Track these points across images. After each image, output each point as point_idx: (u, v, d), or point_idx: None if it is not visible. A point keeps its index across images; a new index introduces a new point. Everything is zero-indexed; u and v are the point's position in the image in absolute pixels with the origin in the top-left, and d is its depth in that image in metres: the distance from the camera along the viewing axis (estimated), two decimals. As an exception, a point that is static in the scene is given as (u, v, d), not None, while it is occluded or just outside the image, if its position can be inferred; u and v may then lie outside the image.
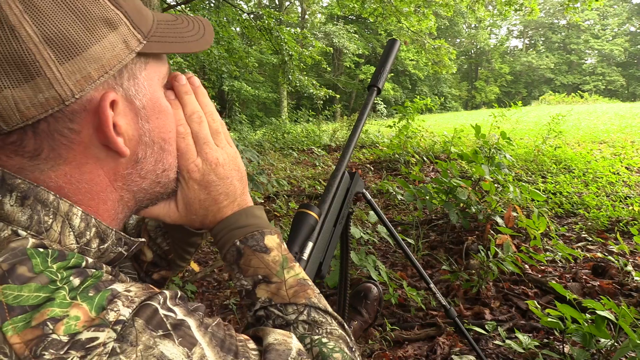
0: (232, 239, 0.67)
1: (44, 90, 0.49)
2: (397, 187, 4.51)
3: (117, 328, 0.44)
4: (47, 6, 0.48)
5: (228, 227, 0.68)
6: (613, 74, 43.51)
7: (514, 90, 45.61)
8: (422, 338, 2.33)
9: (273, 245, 0.67)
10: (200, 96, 0.68)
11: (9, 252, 0.47)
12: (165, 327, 0.47)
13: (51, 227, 0.52)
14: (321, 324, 0.63)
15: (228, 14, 10.52)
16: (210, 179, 0.66)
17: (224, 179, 0.67)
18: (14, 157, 0.52)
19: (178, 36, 0.61)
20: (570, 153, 6.97)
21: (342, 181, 1.13)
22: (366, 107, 1.25)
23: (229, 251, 0.67)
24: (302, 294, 0.65)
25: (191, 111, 0.66)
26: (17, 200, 0.51)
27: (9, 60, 0.47)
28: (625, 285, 2.71)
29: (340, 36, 26.50)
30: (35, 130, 0.51)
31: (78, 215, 0.54)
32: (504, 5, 9.00)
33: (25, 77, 0.48)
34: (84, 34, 0.50)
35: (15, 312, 0.43)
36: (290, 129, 12.93)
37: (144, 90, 0.57)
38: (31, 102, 0.48)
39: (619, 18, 46.81)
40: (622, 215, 4.10)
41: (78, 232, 0.54)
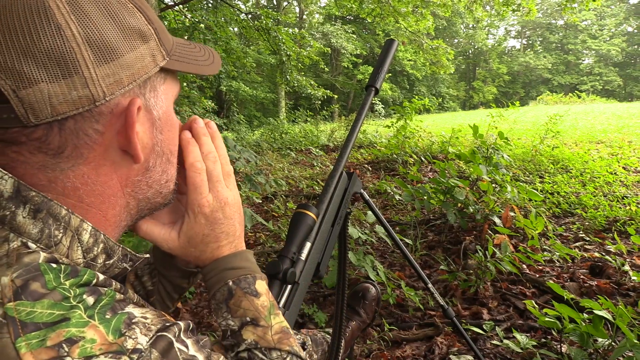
0: (225, 278, 0.69)
1: (78, 89, 0.51)
2: (395, 187, 4.51)
3: (134, 357, 0.45)
4: (92, 11, 0.52)
5: (222, 266, 0.70)
6: (610, 74, 43.61)
7: (511, 91, 45.68)
8: (420, 338, 2.34)
9: (263, 291, 0.69)
10: (216, 140, 0.73)
11: (22, 267, 0.48)
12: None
13: (60, 241, 0.53)
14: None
15: (226, 14, 10.51)
16: (217, 216, 0.69)
17: (228, 219, 0.71)
18: (37, 154, 0.53)
19: (193, 59, 0.65)
20: (568, 153, 6.99)
21: (340, 181, 1.13)
22: (364, 107, 1.25)
23: (219, 290, 0.69)
24: (286, 342, 0.67)
25: (207, 151, 0.70)
26: (30, 212, 0.52)
27: (50, 55, 0.49)
28: (622, 284, 2.72)
29: (338, 36, 26.50)
30: (61, 127, 0.52)
31: (88, 230, 0.56)
32: (502, 6, 9.01)
33: (64, 73, 0.50)
34: (121, 41, 0.54)
35: (28, 329, 0.44)
36: (288, 129, 12.92)
37: (161, 103, 0.61)
38: (64, 98, 0.50)
39: (616, 18, 46.92)
40: (619, 215, 4.11)
41: (86, 247, 0.56)
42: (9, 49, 0.48)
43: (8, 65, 0.48)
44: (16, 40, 0.48)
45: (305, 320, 2.53)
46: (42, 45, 0.49)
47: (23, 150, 0.52)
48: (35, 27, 0.49)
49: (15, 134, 0.51)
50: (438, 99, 26.10)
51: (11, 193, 0.52)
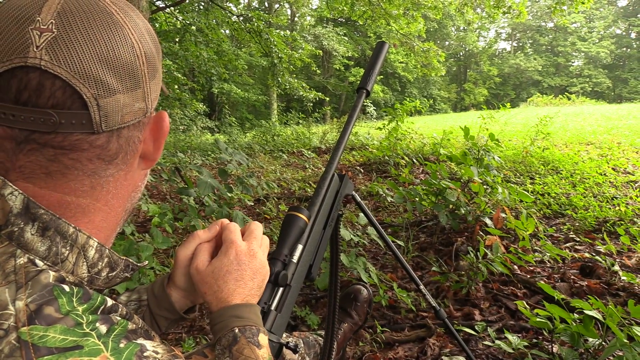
0: (232, 324, 0.72)
1: (139, 100, 0.56)
2: (386, 189, 4.52)
3: None
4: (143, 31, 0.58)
5: (231, 313, 0.73)
6: (599, 76, 44.01)
7: (502, 92, 45.96)
8: (412, 339, 2.34)
9: (264, 344, 0.72)
10: None
11: (37, 292, 0.48)
12: None
13: (67, 258, 0.54)
14: None
15: (217, 17, 10.50)
16: (243, 259, 0.76)
17: (252, 270, 0.77)
18: (95, 161, 0.55)
19: None
20: (558, 154, 7.03)
21: (332, 183, 1.13)
22: (355, 109, 1.25)
23: (225, 336, 0.71)
24: None
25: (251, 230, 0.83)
26: (39, 230, 0.53)
27: (126, 69, 0.53)
28: (612, 284, 2.74)
29: (329, 39, 26.53)
30: (119, 135, 0.56)
31: (94, 247, 0.57)
32: (493, 8, 9.08)
33: (133, 86, 0.55)
34: (158, 60, 0.60)
35: (41, 353, 0.44)
36: (280, 132, 12.91)
37: None
38: (131, 108, 0.55)
39: (605, 21, 47.37)
40: (609, 216, 4.14)
41: (91, 263, 0.57)
42: (92, 57, 0.50)
43: (92, 73, 0.50)
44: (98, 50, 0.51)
45: (298, 322, 2.53)
46: (121, 58, 0.53)
47: (82, 158, 0.54)
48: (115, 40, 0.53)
49: (77, 141, 0.52)
50: (429, 101, 26.25)
51: (20, 209, 0.52)
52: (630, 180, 5.63)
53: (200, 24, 10.05)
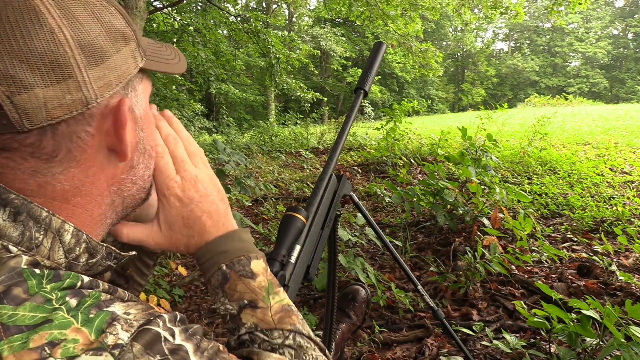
0: (217, 263, 0.67)
1: (72, 92, 0.51)
2: (384, 189, 4.52)
3: (115, 352, 0.45)
4: (81, 15, 0.53)
5: (213, 250, 0.68)
6: (597, 77, 44.13)
7: (499, 93, 46.03)
8: (410, 339, 2.34)
9: (259, 270, 0.68)
10: (174, 124, 0.73)
11: (5, 273, 0.47)
12: (163, 352, 0.48)
13: (41, 243, 0.53)
14: (307, 349, 0.65)
15: (215, 17, 10.49)
16: (190, 195, 0.68)
17: (204, 196, 0.69)
18: (29, 160, 0.52)
19: (163, 59, 0.66)
20: (556, 154, 7.05)
21: (330, 184, 1.13)
22: (353, 110, 1.25)
23: (214, 275, 0.67)
24: (288, 320, 0.66)
25: (166, 134, 0.70)
26: (10, 215, 0.52)
27: (44, 60, 0.49)
28: (609, 284, 2.75)
29: (327, 39, 26.54)
30: (55, 131, 0.52)
31: (69, 231, 0.55)
32: (490, 9, 9.09)
33: (58, 77, 0.50)
34: (108, 44, 0.54)
35: (11, 332, 0.43)
36: (278, 132, 12.92)
37: (141, 102, 0.62)
38: (59, 102, 0.51)
39: (602, 21, 47.50)
40: (606, 216, 4.15)
41: (68, 248, 0.55)
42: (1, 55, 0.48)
43: (1, 71, 0.48)
44: (8, 45, 0.48)
45: (296, 323, 2.52)
46: (36, 49, 0.49)
47: (15, 157, 0.52)
48: (27, 31, 0.49)
49: (7, 140, 0.51)
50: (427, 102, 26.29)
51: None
52: (628, 181, 5.64)
53: (198, 25, 10.05)
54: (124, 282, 0.86)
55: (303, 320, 0.68)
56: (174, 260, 3.42)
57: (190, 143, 0.72)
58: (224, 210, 0.71)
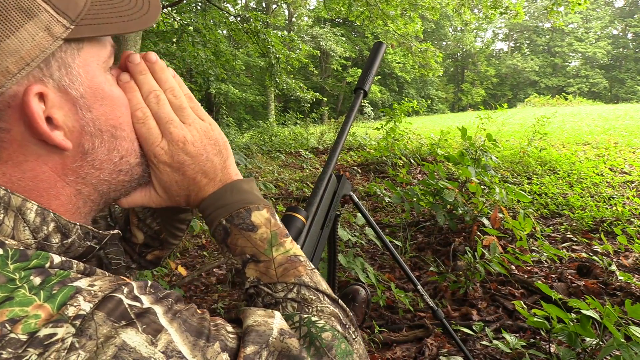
0: (217, 217, 0.64)
1: None
2: (384, 189, 4.52)
3: (77, 323, 0.42)
4: None
5: (213, 205, 0.64)
6: (596, 77, 44.14)
7: (499, 93, 46.05)
8: (410, 339, 2.34)
9: (261, 222, 0.63)
10: (157, 73, 0.63)
11: None
12: (128, 317, 0.45)
13: (3, 222, 0.50)
14: (311, 302, 0.60)
15: (215, 17, 10.49)
16: (181, 159, 0.62)
17: (197, 157, 0.63)
18: None
19: (115, 15, 0.55)
20: (555, 154, 7.05)
21: (329, 184, 1.13)
22: (353, 110, 1.25)
23: (216, 230, 0.64)
24: (293, 272, 0.62)
25: (147, 92, 0.61)
26: None
27: None
28: (609, 284, 2.75)
29: (327, 39, 26.55)
30: None
31: (33, 210, 0.52)
32: (490, 9, 9.09)
33: None
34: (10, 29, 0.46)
35: None
36: (277, 132, 12.91)
37: (80, 79, 0.53)
38: None
39: (601, 21, 47.52)
40: (606, 216, 4.15)
41: (34, 227, 0.52)
42: None
43: None
44: None
45: (296, 323, 2.53)
46: None
47: None
48: None
49: None
50: (427, 101, 26.24)
51: None
52: (627, 181, 5.64)
53: (198, 25, 10.05)
54: (159, 245, 0.86)
55: (312, 271, 0.64)
56: (174, 260, 3.42)
57: (176, 95, 0.63)
58: (220, 164, 0.66)
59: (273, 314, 0.54)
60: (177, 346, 0.45)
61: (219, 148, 0.66)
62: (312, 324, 0.56)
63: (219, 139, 0.66)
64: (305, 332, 0.55)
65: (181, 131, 0.62)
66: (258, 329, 0.51)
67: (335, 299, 0.63)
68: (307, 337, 0.54)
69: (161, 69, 0.63)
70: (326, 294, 0.62)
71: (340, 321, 0.59)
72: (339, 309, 0.62)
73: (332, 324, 0.57)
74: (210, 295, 3.06)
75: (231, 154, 0.69)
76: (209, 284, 3.24)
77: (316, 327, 0.55)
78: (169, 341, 0.45)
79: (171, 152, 0.61)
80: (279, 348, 0.50)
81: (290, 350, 0.50)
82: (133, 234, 0.84)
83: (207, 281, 3.28)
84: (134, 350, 0.42)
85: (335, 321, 0.58)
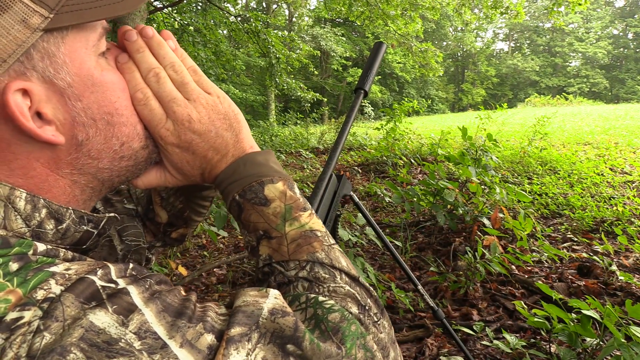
0: (231, 193, 0.61)
1: None
2: (384, 189, 4.52)
3: (44, 306, 0.41)
4: None
5: (226, 180, 0.62)
6: (597, 77, 44.15)
7: (500, 93, 46.06)
8: (410, 339, 2.34)
9: (275, 195, 0.60)
10: (155, 48, 0.59)
11: None
12: (99, 297, 0.43)
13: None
14: (324, 280, 0.57)
15: (215, 17, 10.49)
16: (188, 139, 0.59)
17: (205, 134, 0.60)
18: None
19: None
20: (556, 154, 7.05)
21: (330, 184, 1.13)
22: (353, 110, 1.25)
23: (231, 206, 0.62)
24: (306, 248, 0.58)
25: (146, 70, 0.58)
26: None
27: None
28: (610, 284, 2.75)
29: (327, 39, 26.55)
30: None
31: (22, 197, 0.50)
32: (490, 9, 9.09)
33: None
34: None
35: None
36: (278, 132, 12.91)
37: (66, 68, 0.50)
38: None
39: (602, 21, 47.51)
40: (606, 216, 4.15)
41: (25, 215, 0.50)
42: None
43: None
44: None
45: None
46: None
47: None
48: None
49: None
50: (427, 101, 26.28)
51: None
52: (628, 181, 5.64)
53: (198, 25, 10.05)
54: (183, 223, 0.84)
55: (330, 247, 0.60)
56: (174, 260, 3.42)
57: (177, 70, 0.60)
58: (232, 138, 0.62)
59: (267, 294, 0.51)
60: (152, 326, 0.43)
61: (230, 122, 0.62)
62: (319, 304, 0.52)
63: (228, 112, 0.62)
64: (311, 314, 0.52)
65: (185, 109, 0.59)
66: (246, 310, 0.48)
67: (354, 277, 0.59)
68: (312, 319, 0.51)
69: (159, 43, 0.60)
70: (344, 271, 0.59)
71: (358, 302, 0.56)
72: (359, 288, 0.58)
73: (345, 304, 0.54)
74: (210, 295, 3.06)
75: (245, 126, 0.65)
76: (209, 284, 3.24)
77: (323, 307, 0.52)
78: (142, 321, 0.43)
79: (177, 132, 0.59)
80: (271, 329, 0.47)
81: (284, 331, 0.47)
82: (157, 214, 0.82)
83: (208, 281, 3.28)
84: (102, 332, 0.40)
85: (351, 302, 0.55)
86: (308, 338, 0.47)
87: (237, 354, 0.43)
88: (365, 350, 0.49)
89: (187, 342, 0.43)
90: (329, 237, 0.61)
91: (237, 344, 0.44)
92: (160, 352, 0.41)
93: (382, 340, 0.53)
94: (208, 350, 0.44)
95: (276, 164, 0.64)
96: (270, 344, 0.46)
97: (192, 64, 0.62)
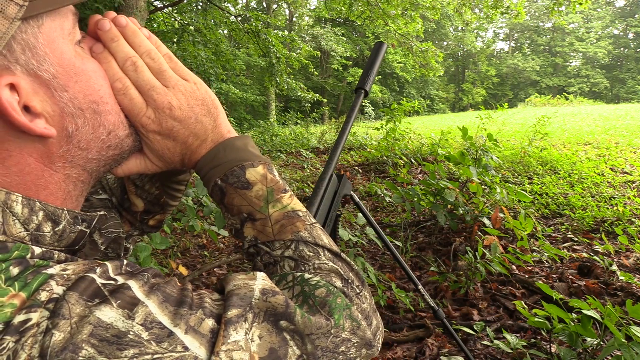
0: (212, 178, 0.62)
1: None
2: (385, 189, 4.52)
3: (50, 306, 0.42)
4: None
5: (207, 165, 0.63)
6: (597, 76, 44.13)
7: (500, 93, 46.05)
8: (411, 339, 2.34)
9: (256, 179, 0.61)
10: (130, 37, 0.59)
11: None
12: (102, 294, 0.44)
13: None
14: (309, 258, 0.59)
15: (215, 17, 10.49)
16: (169, 126, 0.60)
17: (185, 120, 0.60)
18: None
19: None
20: (556, 154, 7.05)
21: (330, 184, 1.13)
22: (353, 110, 1.25)
23: (213, 191, 0.63)
24: (290, 228, 0.60)
25: (122, 60, 0.58)
26: None
27: None
28: (610, 284, 2.75)
29: (327, 39, 26.54)
30: None
31: (18, 201, 0.50)
32: (491, 8, 9.09)
33: None
34: None
35: None
36: (278, 132, 12.91)
37: (48, 58, 0.49)
38: None
39: (602, 21, 47.49)
40: (606, 216, 4.15)
41: (23, 219, 0.50)
42: None
43: None
44: None
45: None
46: None
47: None
48: None
49: None
50: (427, 101, 26.29)
51: None
52: (628, 180, 5.64)
53: (198, 24, 10.05)
54: (160, 209, 0.84)
55: (312, 225, 0.62)
56: (174, 260, 3.42)
57: (154, 57, 0.60)
58: (211, 123, 0.63)
59: (254, 276, 0.53)
60: (157, 317, 0.44)
61: (207, 107, 0.63)
62: (305, 281, 0.55)
63: (206, 98, 0.63)
64: (299, 291, 0.54)
65: (165, 97, 0.59)
66: (238, 292, 0.50)
67: (337, 253, 0.61)
68: (300, 296, 0.54)
69: (133, 32, 0.59)
70: (327, 248, 0.61)
71: (341, 276, 0.58)
72: (342, 263, 0.61)
73: (329, 279, 0.56)
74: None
75: (222, 111, 0.66)
76: (209, 283, 3.24)
77: (309, 284, 0.54)
78: (147, 313, 0.44)
79: (159, 119, 0.59)
80: (264, 308, 0.49)
81: (276, 308, 0.49)
82: (132, 203, 0.82)
83: (208, 281, 3.28)
84: (110, 327, 0.42)
85: (335, 277, 0.58)
86: (299, 313, 0.50)
87: (237, 334, 0.46)
88: (351, 320, 0.54)
89: (191, 328, 0.45)
90: (309, 217, 0.63)
91: (235, 324, 0.47)
92: (167, 340, 0.44)
93: (365, 310, 0.57)
94: (210, 334, 0.46)
95: (254, 148, 0.65)
96: (264, 322, 0.49)
97: (166, 51, 0.62)
